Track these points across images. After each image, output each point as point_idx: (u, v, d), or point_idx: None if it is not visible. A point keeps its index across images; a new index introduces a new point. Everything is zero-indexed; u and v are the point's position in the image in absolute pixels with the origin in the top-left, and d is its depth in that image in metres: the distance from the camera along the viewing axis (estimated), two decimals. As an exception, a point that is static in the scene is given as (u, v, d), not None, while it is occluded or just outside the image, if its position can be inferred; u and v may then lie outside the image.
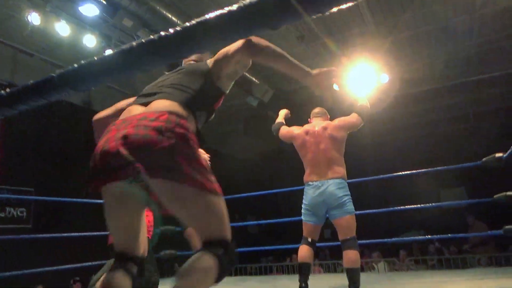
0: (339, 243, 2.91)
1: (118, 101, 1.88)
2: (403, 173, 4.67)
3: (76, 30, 4.95)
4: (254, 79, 6.42)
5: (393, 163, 7.82)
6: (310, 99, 7.27)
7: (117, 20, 4.30)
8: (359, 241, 2.85)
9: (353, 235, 2.82)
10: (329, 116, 3.35)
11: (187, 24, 1.12)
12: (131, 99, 1.61)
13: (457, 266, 6.08)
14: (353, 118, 3.16)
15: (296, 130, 3.27)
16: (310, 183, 3.03)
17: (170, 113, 1.26)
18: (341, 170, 3.01)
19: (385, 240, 4.93)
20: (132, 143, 1.15)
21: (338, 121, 3.16)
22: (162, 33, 1.17)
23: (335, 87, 5.43)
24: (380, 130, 7.97)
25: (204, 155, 1.99)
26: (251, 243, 5.87)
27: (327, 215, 2.98)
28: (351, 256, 2.73)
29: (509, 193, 3.85)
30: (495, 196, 3.97)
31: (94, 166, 1.22)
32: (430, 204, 5.75)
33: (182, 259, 6.64)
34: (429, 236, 7.33)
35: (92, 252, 4.89)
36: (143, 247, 1.42)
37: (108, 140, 1.20)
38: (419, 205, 4.85)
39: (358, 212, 3.04)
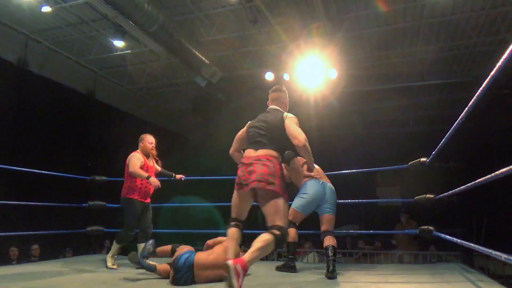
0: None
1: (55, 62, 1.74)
2: (341, 172, 4.66)
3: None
4: (204, 58, 6.23)
5: (337, 158, 8.00)
6: (259, 84, 7.23)
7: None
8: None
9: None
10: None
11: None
12: (243, 134, 2.90)
13: (380, 261, 6.34)
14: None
15: None
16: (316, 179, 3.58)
17: (270, 156, 2.60)
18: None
19: (317, 231, 5.00)
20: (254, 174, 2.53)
21: None
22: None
23: (285, 76, 5.38)
24: (326, 125, 8.09)
25: None
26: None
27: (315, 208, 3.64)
28: (333, 238, 3.48)
29: (428, 195, 4.04)
30: (415, 198, 4.14)
31: (238, 181, 2.63)
32: (362, 200, 5.87)
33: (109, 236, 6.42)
34: (353, 231, 7.66)
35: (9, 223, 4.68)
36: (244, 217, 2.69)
37: (243, 171, 2.60)
38: (350, 200, 4.90)
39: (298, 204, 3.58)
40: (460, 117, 2.37)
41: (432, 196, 3.98)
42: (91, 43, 6.83)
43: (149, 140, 4.06)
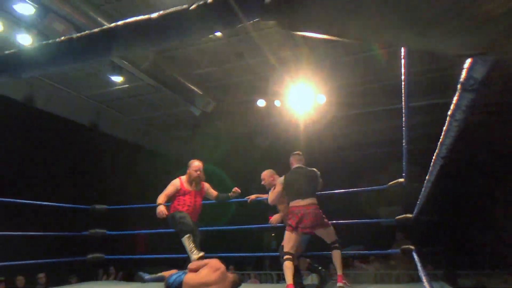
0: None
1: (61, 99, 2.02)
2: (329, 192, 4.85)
3: (9, 27, 4.88)
4: (197, 90, 6.56)
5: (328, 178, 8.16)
6: (252, 112, 7.52)
7: (48, 22, 4.31)
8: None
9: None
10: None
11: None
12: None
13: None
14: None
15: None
16: None
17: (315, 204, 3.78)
18: None
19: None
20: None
21: None
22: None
23: (277, 102, 5.90)
24: (315, 147, 8.27)
25: None
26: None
27: None
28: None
29: (408, 215, 4.19)
30: (396, 218, 4.30)
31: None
32: (344, 221, 5.98)
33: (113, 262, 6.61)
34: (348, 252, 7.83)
35: (15, 253, 4.93)
36: None
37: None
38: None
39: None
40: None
41: (410, 215, 4.14)
42: (92, 79, 7.25)
43: (194, 167, 4.22)
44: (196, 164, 4.28)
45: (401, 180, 4.17)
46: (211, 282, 3.20)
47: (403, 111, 2.46)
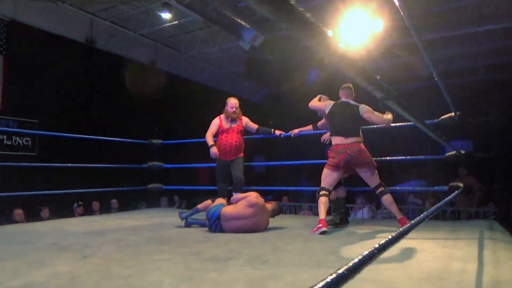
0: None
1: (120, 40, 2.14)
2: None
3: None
4: (243, 23, 6.36)
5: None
6: (296, 46, 7.17)
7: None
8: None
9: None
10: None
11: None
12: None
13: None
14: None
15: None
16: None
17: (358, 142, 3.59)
18: None
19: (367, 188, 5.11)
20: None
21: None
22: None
23: (329, 33, 5.62)
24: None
25: None
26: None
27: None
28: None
29: (455, 152, 3.93)
30: (446, 155, 4.04)
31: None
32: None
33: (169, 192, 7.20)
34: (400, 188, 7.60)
35: (90, 181, 5.58)
36: None
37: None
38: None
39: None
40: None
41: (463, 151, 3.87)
42: (147, 18, 7.37)
43: (230, 104, 4.38)
44: (232, 101, 4.38)
45: (452, 114, 3.85)
46: (245, 215, 3.38)
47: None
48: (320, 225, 3.28)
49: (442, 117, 3.99)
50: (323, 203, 3.44)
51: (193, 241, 3.05)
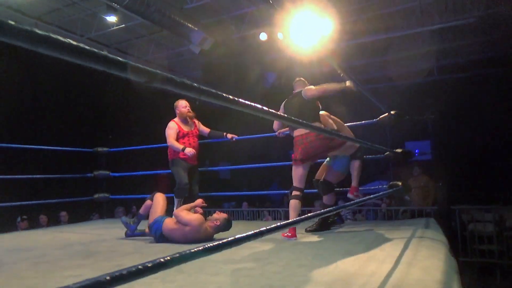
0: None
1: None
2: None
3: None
4: (191, 26, 6.23)
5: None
6: (249, 49, 7.13)
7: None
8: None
9: None
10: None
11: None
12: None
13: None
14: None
15: None
16: None
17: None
18: None
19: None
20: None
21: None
22: None
23: (279, 35, 5.50)
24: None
25: None
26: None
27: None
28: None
29: (397, 150, 3.95)
30: (385, 154, 4.06)
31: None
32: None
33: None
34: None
35: (38, 194, 5.29)
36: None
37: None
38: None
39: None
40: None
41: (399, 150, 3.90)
42: (91, 21, 7.11)
43: (182, 105, 4.10)
44: (182, 102, 4.14)
45: (393, 112, 3.88)
46: (186, 233, 3.21)
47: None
48: (289, 234, 3.12)
49: (380, 117, 4.03)
50: (293, 208, 3.26)
51: (121, 254, 2.89)
